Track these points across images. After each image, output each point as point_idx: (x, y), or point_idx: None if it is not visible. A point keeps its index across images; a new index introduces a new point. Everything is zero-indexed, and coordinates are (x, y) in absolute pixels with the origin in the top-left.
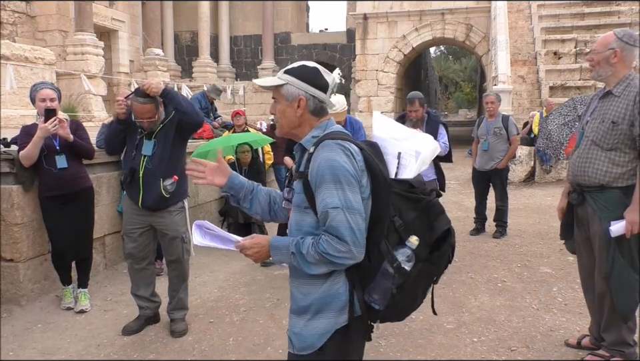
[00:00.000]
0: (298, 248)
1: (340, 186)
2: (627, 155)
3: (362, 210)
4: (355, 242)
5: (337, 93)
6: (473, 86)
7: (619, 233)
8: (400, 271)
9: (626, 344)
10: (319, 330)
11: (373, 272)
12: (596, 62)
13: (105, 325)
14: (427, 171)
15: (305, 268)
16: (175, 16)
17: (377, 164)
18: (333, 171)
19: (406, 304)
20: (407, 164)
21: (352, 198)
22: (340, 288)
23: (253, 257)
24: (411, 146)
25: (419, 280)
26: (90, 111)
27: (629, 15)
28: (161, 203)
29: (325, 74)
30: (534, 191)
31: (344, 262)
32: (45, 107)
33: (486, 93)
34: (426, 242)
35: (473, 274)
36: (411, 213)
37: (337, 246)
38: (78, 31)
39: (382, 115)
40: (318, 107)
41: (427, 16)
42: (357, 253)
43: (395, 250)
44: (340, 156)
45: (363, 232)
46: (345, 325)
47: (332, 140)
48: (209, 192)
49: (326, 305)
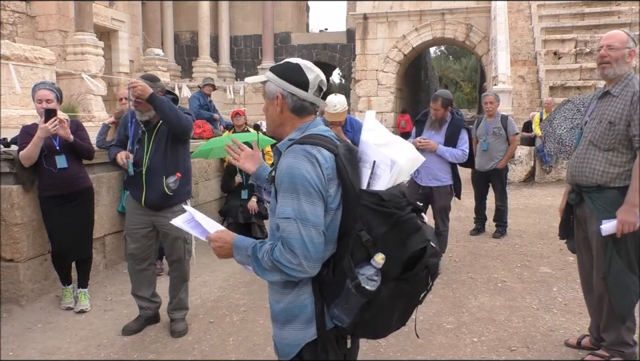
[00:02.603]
0: (254, 252)
1: (296, 196)
2: (624, 155)
3: (319, 223)
4: (307, 256)
5: (337, 93)
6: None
7: (610, 232)
8: (359, 289)
9: (625, 344)
10: (289, 340)
11: (337, 287)
12: (614, 59)
13: (105, 325)
14: (442, 176)
15: (260, 274)
16: (174, 16)
17: (346, 173)
18: (291, 179)
19: (380, 323)
20: (381, 174)
21: (307, 209)
22: (306, 300)
23: (216, 251)
24: (387, 154)
25: (394, 300)
26: (90, 111)
27: (629, 15)
28: (164, 201)
29: (307, 71)
30: (534, 191)
31: (294, 273)
32: (44, 108)
33: (485, 93)
34: (397, 260)
35: (473, 274)
36: (381, 228)
37: (288, 257)
38: (78, 31)
39: (374, 116)
40: (298, 105)
41: (426, 16)
42: (308, 267)
43: (359, 267)
44: (302, 163)
45: (317, 246)
46: (316, 338)
47: (301, 145)
48: (209, 192)
49: (294, 316)
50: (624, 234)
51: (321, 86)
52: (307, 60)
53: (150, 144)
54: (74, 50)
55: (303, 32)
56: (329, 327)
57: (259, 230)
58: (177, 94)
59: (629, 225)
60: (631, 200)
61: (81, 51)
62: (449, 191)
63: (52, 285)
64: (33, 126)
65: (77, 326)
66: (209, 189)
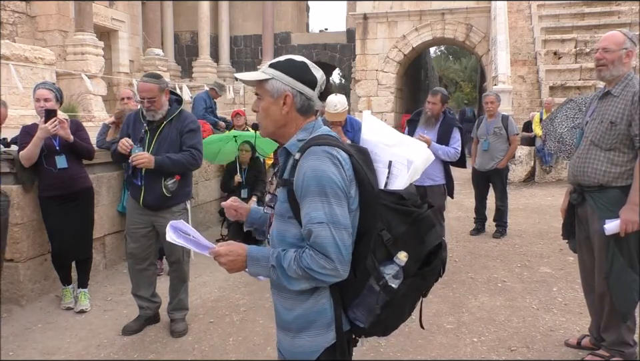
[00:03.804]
0: (279, 261)
1: (326, 200)
2: (625, 155)
3: (349, 225)
4: (341, 260)
5: (337, 93)
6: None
7: (613, 231)
8: (386, 289)
9: (626, 343)
10: (305, 348)
11: (358, 287)
12: (609, 61)
13: (105, 325)
14: (435, 175)
15: (286, 283)
16: (174, 16)
17: (365, 173)
18: (319, 182)
19: (392, 320)
20: (398, 173)
21: (338, 212)
22: (325, 304)
23: (227, 266)
24: (403, 154)
25: (407, 296)
26: (90, 111)
27: (629, 15)
28: (163, 202)
29: (313, 69)
30: (534, 191)
31: (328, 279)
32: (41, 107)
33: (485, 93)
34: (416, 257)
35: (473, 274)
36: (400, 227)
37: (322, 263)
38: (78, 31)
39: (372, 115)
40: (305, 105)
41: (426, 16)
42: (342, 271)
43: (383, 266)
44: (327, 165)
45: (349, 249)
46: (335, 342)
47: (319, 146)
48: (209, 192)
49: (311, 322)
50: (626, 233)
51: (322, 87)
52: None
53: (152, 144)
54: (74, 50)
55: (302, 32)
56: (345, 329)
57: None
58: (180, 95)
59: (632, 224)
60: (634, 200)
61: (80, 51)
62: (442, 191)
63: (52, 285)
64: (33, 126)
65: (76, 326)
66: (209, 189)
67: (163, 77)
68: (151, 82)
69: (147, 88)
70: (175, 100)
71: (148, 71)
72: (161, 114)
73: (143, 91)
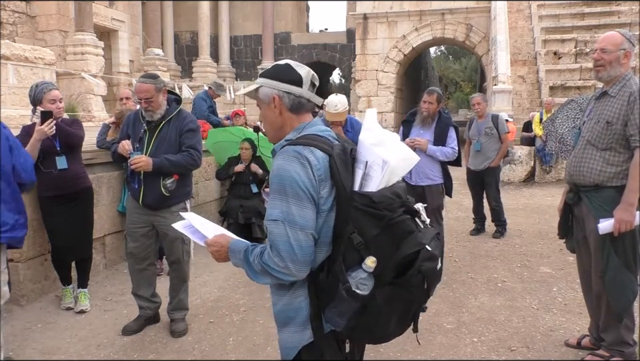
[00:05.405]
0: (246, 255)
1: (285, 198)
2: (621, 155)
3: (307, 226)
4: (294, 259)
5: (338, 93)
6: (473, 86)
7: (607, 231)
8: (349, 293)
9: (625, 343)
10: (287, 342)
11: (333, 290)
12: (607, 62)
13: (105, 325)
14: (433, 174)
15: (252, 276)
16: (174, 16)
17: (338, 173)
18: (280, 181)
19: (377, 328)
20: (373, 174)
21: (296, 212)
22: (301, 303)
23: (214, 256)
24: (379, 154)
25: (391, 304)
26: (90, 111)
27: (629, 15)
28: (162, 202)
29: (297, 67)
30: (534, 191)
31: (282, 277)
32: (59, 109)
33: (472, 95)
34: (391, 263)
35: (473, 274)
36: (372, 230)
37: (275, 260)
38: (78, 31)
39: (374, 114)
40: (296, 103)
41: (426, 16)
42: (295, 270)
43: (351, 271)
44: (292, 165)
45: (305, 249)
46: (312, 341)
47: (294, 146)
48: (208, 192)
49: (290, 318)
50: (621, 232)
51: (314, 82)
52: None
53: (151, 143)
54: (74, 50)
55: (302, 32)
56: (327, 330)
57: (259, 230)
58: (179, 94)
59: (626, 224)
60: (628, 199)
61: (80, 51)
62: (440, 190)
63: (52, 285)
64: (32, 127)
65: (76, 326)
66: (209, 189)
67: (160, 77)
68: (148, 83)
69: (143, 88)
70: (174, 99)
71: (148, 71)
72: (159, 114)
73: (140, 91)
